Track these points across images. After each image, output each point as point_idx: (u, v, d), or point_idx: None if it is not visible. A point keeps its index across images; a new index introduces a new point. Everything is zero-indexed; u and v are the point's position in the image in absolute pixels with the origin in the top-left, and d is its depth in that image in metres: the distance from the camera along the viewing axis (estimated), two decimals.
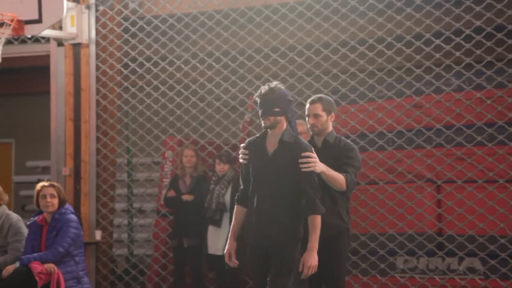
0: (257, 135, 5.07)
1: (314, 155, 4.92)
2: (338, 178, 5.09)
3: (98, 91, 8.18)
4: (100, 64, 8.18)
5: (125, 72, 8.23)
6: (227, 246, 5.06)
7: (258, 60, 7.74)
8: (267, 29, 7.74)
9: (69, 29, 8.05)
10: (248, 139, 5.10)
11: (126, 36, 8.19)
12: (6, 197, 7.20)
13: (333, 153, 5.22)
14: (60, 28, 8.03)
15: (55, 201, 6.88)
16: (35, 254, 6.73)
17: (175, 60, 8.03)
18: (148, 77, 8.14)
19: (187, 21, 7.90)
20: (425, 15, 7.17)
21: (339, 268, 5.24)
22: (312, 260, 4.85)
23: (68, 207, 7.01)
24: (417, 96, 7.43)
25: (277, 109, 4.90)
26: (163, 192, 8.28)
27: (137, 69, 8.13)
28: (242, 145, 5.10)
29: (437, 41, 7.10)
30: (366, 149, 7.47)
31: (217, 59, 7.91)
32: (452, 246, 7.08)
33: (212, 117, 8.02)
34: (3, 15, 7.23)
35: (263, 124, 4.96)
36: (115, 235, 8.63)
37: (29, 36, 7.83)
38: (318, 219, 4.87)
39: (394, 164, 7.47)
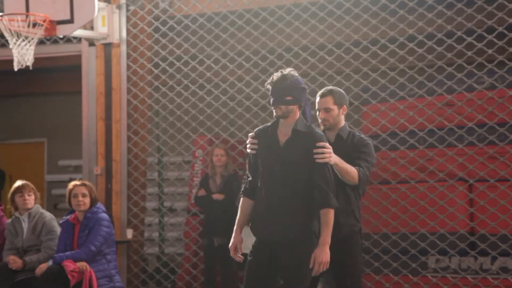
0: (268, 124, 4.77)
1: (329, 145, 4.67)
2: (351, 171, 4.83)
3: (129, 91, 8.22)
4: (131, 64, 8.22)
5: (156, 71, 8.26)
6: (232, 240, 4.78)
7: (288, 59, 7.73)
8: (297, 27, 7.73)
9: (100, 29, 8.09)
10: (257, 128, 4.82)
11: (156, 35, 8.22)
12: (38, 196, 7.28)
13: (347, 148, 4.98)
14: (92, 28, 8.08)
15: (87, 200, 6.94)
16: (68, 253, 6.79)
17: (205, 59, 8.05)
18: (178, 76, 8.17)
19: (217, 20, 7.91)
20: (456, 13, 7.11)
21: (356, 269, 5.01)
22: (324, 256, 4.55)
23: (100, 206, 7.07)
24: (449, 94, 7.37)
25: (289, 98, 4.61)
26: (194, 191, 8.30)
27: (168, 68, 8.16)
28: (250, 134, 4.82)
29: (469, 39, 7.04)
30: (397, 147, 7.43)
31: (247, 58, 7.91)
32: (484, 245, 7.01)
33: (242, 116, 8.02)
34: (36, 16, 7.29)
35: (274, 114, 4.66)
36: (146, 234, 8.67)
37: (61, 36, 7.88)
38: (331, 213, 4.58)
39: (426, 163, 7.42)
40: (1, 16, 7.32)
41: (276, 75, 4.66)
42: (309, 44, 7.73)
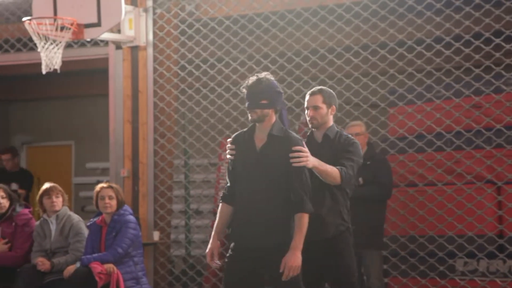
0: (245, 129, 4.76)
1: (306, 149, 4.63)
2: (332, 172, 4.79)
3: (155, 93, 8.25)
4: (157, 67, 8.25)
5: (182, 74, 8.28)
6: (209, 246, 4.75)
7: (314, 61, 7.71)
8: (323, 29, 7.71)
9: (127, 32, 8.13)
10: (235, 134, 4.80)
11: (182, 38, 8.25)
12: (66, 198, 7.33)
13: (333, 148, 4.97)
14: (119, 31, 8.13)
15: (114, 203, 6.98)
16: (95, 255, 6.83)
17: (231, 62, 8.05)
18: (204, 79, 8.19)
19: (243, 23, 7.92)
20: (484, 14, 7.05)
21: (347, 268, 4.95)
22: (294, 260, 4.49)
23: (127, 208, 7.10)
24: (476, 96, 7.31)
25: (264, 101, 4.59)
26: (220, 193, 8.31)
27: (194, 71, 8.17)
28: (228, 140, 4.81)
29: (497, 40, 6.98)
30: (424, 150, 7.39)
31: (273, 60, 7.91)
32: None
33: None
34: (63, 19, 7.35)
35: (250, 118, 4.65)
36: (172, 236, 8.70)
37: (88, 39, 7.94)
38: (305, 217, 4.55)
39: (453, 165, 7.37)
40: (30, 20, 7.38)
41: (251, 79, 4.65)
42: (335, 46, 7.71)
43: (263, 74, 4.68)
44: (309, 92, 5.10)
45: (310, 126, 5.07)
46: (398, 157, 7.48)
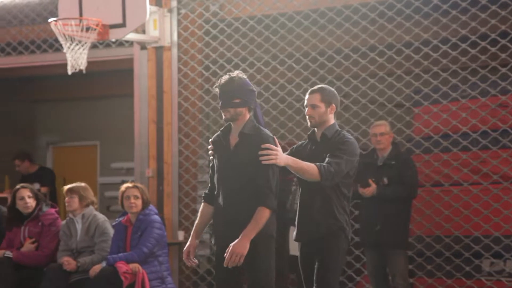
0: (222, 128, 4.74)
1: (275, 147, 4.55)
2: (309, 169, 4.64)
3: (180, 93, 8.27)
4: (181, 67, 8.27)
5: (206, 74, 8.30)
6: (187, 244, 4.76)
7: (338, 61, 7.69)
8: (348, 29, 7.69)
9: (152, 32, 8.16)
10: (215, 134, 4.78)
11: (207, 38, 8.26)
12: (94, 199, 7.37)
13: (329, 148, 4.82)
14: (143, 31, 8.16)
15: (139, 202, 7.01)
16: (121, 254, 6.86)
17: (255, 61, 8.06)
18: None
19: (267, 23, 7.92)
20: (510, 13, 7.00)
21: (334, 266, 4.79)
22: (239, 248, 4.39)
23: (152, 208, 7.13)
24: (503, 95, 7.25)
25: (237, 100, 4.56)
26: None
27: (218, 71, 8.18)
28: (210, 140, 4.79)
29: None
30: (449, 149, 7.35)
31: (297, 60, 7.90)
32: None
33: (292, 118, 8.01)
34: (89, 20, 7.39)
35: (223, 117, 4.63)
36: None
37: (113, 40, 7.98)
38: (264, 212, 4.45)
39: (479, 165, 7.31)
40: (56, 21, 7.43)
41: (224, 78, 4.62)
42: (360, 46, 7.68)
43: (235, 73, 4.63)
44: (308, 90, 5.01)
45: (309, 124, 4.97)
46: (423, 157, 7.45)
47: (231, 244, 4.44)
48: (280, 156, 4.55)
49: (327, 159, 4.71)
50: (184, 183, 8.26)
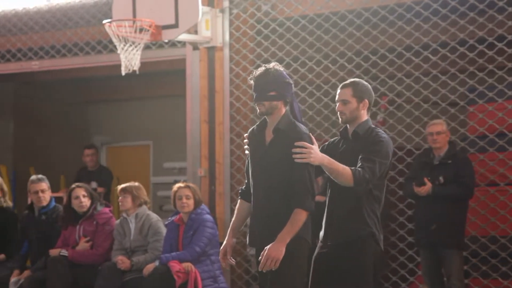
0: (258, 122, 4.53)
1: (310, 145, 4.30)
2: (344, 172, 4.37)
3: (231, 93, 8.29)
4: (233, 67, 8.29)
5: None
6: (224, 243, 4.54)
7: (391, 60, 7.63)
8: (401, 27, 7.61)
9: (204, 32, 8.19)
10: (251, 128, 4.57)
11: (259, 38, 8.26)
12: (147, 198, 7.44)
13: (360, 146, 4.53)
14: (195, 32, 8.20)
15: (191, 202, 7.05)
16: (174, 253, 6.91)
17: (307, 61, 8.03)
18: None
19: (319, 22, 7.88)
20: None
21: (362, 276, 4.50)
22: (275, 252, 4.19)
23: (204, 207, 7.17)
24: None
25: (272, 93, 4.34)
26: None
27: None
28: (245, 134, 4.59)
29: None
30: (505, 148, 7.22)
31: (349, 59, 7.85)
32: None
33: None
34: (142, 21, 7.46)
35: (258, 111, 4.41)
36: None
37: (166, 40, 8.04)
38: (301, 214, 4.24)
39: None
40: (110, 22, 7.52)
41: (259, 70, 4.41)
42: (413, 44, 7.60)
43: (272, 65, 4.42)
44: (340, 85, 4.76)
45: (340, 121, 4.72)
46: (478, 156, 7.34)
47: (266, 248, 4.26)
48: (315, 155, 4.32)
49: (359, 163, 4.46)
50: (236, 183, 8.27)
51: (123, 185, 7.35)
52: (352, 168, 4.42)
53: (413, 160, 7.25)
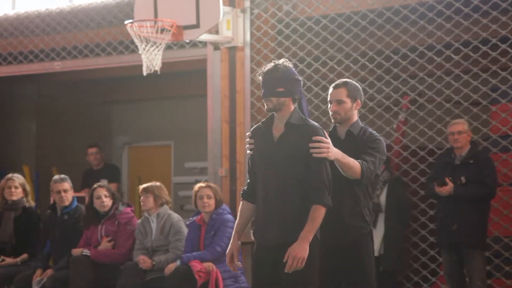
0: (263, 120, 4.46)
1: (327, 139, 4.31)
2: (354, 165, 4.43)
3: (252, 93, 8.29)
4: (254, 67, 8.29)
5: None
6: (229, 246, 4.47)
7: (412, 59, 7.59)
8: (422, 27, 7.58)
9: (225, 33, 8.20)
10: (253, 126, 4.51)
11: (279, 38, 8.26)
12: (168, 198, 7.46)
13: (356, 146, 4.60)
14: (217, 32, 8.21)
15: (212, 202, 7.06)
16: (195, 253, 6.93)
17: (328, 60, 8.02)
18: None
19: (340, 21, 7.87)
20: None
21: (366, 275, 4.60)
22: (300, 251, 4.15)
23: (225, 207, 7.18)
24: None
25: (281, 89, 4.31)
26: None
27: None
28: (248, 133, 4.53)
29: None
30: None
31: (371, 58, 7.83)
32: None
33: (365, 117, 7.93)
34: (164, 22, 7.48)
35: (265, 107, 4.36)
36: None
37: (187, 41, 8.05)
38: (320, 210, 4.21)
39: None
40: (131, 23, 7.55)
41: (267, 66, 4.39)
42: (435, 43, 7.56)
43: (281, 61, 4.40)
44: (332, 85, 4.78)
45: (333, 121, 4.74)
46: (501, 156, 7.29)
47: (290, 248, 4.21)
48: (332, 149, 4.34)
49: (362, 157, 4.54)
50: None
51: (145, 185, 7.38)
52: (359, 161, 4.49)
53: (435, 160, 7.21)
